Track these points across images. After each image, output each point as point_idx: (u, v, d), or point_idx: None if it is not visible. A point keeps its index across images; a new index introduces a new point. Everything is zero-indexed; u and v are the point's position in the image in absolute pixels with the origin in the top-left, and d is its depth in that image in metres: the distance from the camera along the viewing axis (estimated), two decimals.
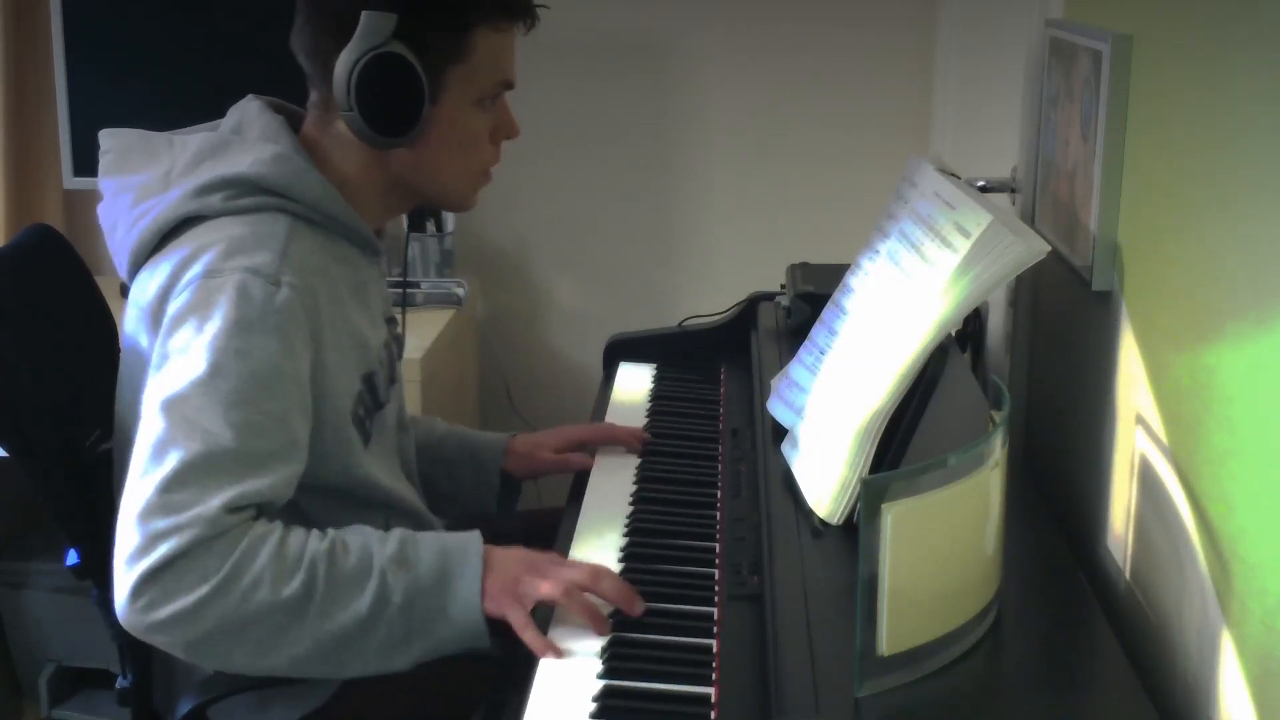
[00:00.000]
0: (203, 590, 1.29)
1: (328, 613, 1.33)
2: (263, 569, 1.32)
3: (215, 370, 1.38)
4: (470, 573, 1.38)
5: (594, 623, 1.37)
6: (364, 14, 1.46)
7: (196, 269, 1.43)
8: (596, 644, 1.35)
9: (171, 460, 1.34)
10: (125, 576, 1.31)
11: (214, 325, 1.39)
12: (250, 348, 1.39)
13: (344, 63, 1.47)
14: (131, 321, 1.53)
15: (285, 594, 1.32)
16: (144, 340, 1.49)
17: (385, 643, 1.36)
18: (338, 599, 1.34)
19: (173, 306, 1.43)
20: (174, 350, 1.41)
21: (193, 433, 1.35)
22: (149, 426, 1.38)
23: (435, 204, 1.65)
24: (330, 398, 1.50)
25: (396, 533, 1.42)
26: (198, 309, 1.41)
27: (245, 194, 1.49)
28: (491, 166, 1.62)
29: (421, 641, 1.37)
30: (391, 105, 1.49)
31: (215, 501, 1.32)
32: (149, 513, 1.31)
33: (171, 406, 1.37)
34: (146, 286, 1.49)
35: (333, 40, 1.49)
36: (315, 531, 1.39)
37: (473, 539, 1.42)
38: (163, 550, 1.29)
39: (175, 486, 1.32)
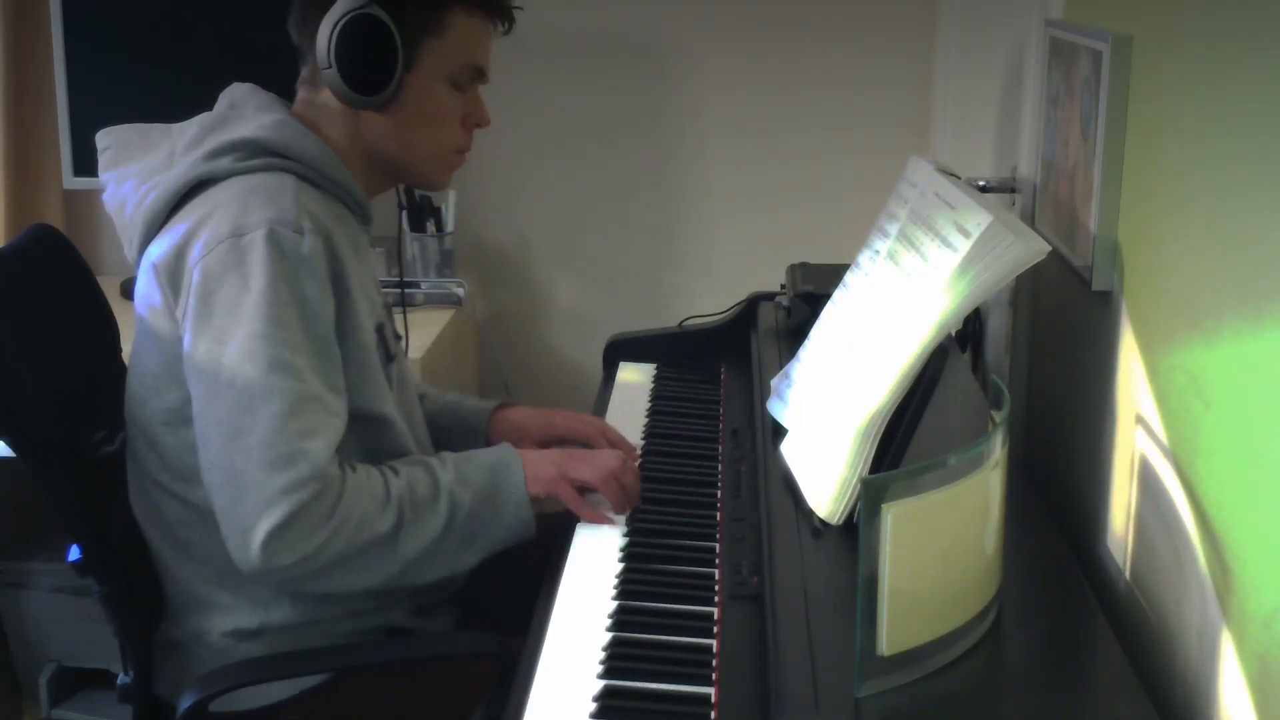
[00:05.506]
0: (319, 538, 1.45)
1: (414, 534, 1.51)
2: (363, 512, 1.48)
3: (272, 320, 1.46)
4: (515, 479, 1.58)
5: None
6: None
7: (221, 227, 1.48)
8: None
9: (264, 417, 1.45)
10: (250, 531, 1.44)
11: (258, 281, 1.46)
12: (297, 294, 1.47)
13: (327, 22, 1.56)
14: (143, 284, 1.56)
15: (382, 529, 1.49)
16: (158, 298, 1.53)
17: (457, 549, 1.55)
18: (420, 522, 1.52)
19: (202, 265, 1.48)
20: (219, 309, 1.47)
21: (273, 386, 1.45)
22: (221, 387, 1.45)
23: (408, 179, 1.72)
24: (359, 332, 1.56)
25: (448, 457, 1.60)
26: (234, 267, 1.47)
27: (253, 155, 1.56)
28: (464, 150, 1.69)
29: (484, 542, 1.57)
30: (368, 64, 1.57)
31: (320, 456, 1.45)
32: (260, 472, 1.44)
33: (241, 364, 1.45)
34: (161, 247, 1.53)
35: (318, 10, 1.57)
36: (388, 468, 1.56)
37: (507, 449, 1.63)
38: (283, 509, 1.43)
39: (277, 442, 1.44)
